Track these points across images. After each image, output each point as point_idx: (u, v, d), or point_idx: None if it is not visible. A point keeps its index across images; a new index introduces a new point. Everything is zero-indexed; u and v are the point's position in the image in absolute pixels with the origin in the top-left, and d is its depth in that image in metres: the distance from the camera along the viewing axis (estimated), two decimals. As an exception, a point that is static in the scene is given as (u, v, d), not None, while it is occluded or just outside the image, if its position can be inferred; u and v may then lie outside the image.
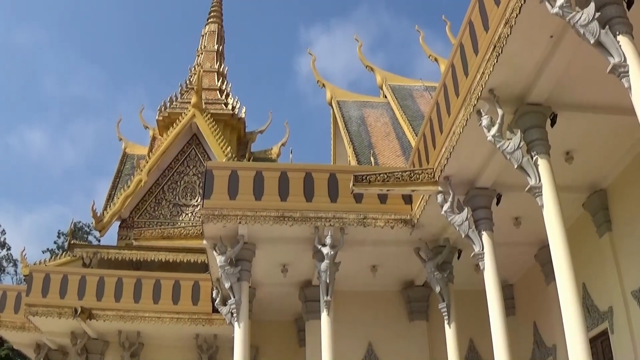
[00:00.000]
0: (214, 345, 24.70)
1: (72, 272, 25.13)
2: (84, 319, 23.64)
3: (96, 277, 24.54)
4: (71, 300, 23.82)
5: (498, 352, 14.61)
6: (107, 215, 30.23)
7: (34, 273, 24.80)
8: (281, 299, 22.30)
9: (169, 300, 23.74)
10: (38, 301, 23.89)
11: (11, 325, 26.20)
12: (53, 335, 25.64)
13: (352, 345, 20.66)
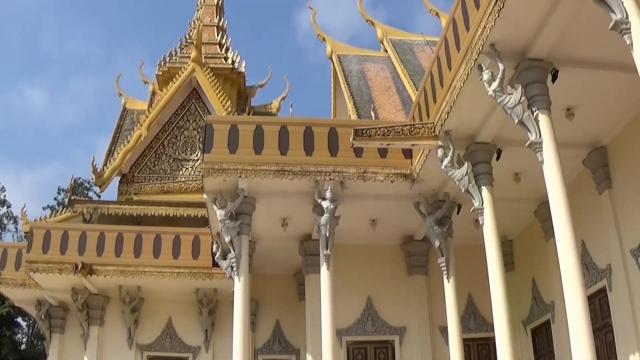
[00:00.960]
0: (214, 299, 25.05)
1: (72, 228, 25.35)
2: (85, 275, 23.86)
3: (96, 233, 24.76)
4: (72, 256, 24.06)
5: (496, 308, 14.80)
6: (107, 170, 30.29)
7: (35, 230, 24.99)
8: (281, 253, 22.48)
9: (169, 255, 24.01)
10: (38, 257, 24.10)
11: (12, 283, 26.44)
12: (54, 292, 25.89)
13: (352, 299, 20.94)
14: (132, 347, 25.35)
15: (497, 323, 14.77)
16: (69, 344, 26.72)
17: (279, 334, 24.65)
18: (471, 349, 21.14)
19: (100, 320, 25.85)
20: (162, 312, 25.76)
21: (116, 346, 25.50)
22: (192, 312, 25.50)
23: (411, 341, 21.00)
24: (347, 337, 20.87)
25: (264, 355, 24.37)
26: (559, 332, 18.44)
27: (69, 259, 23.98)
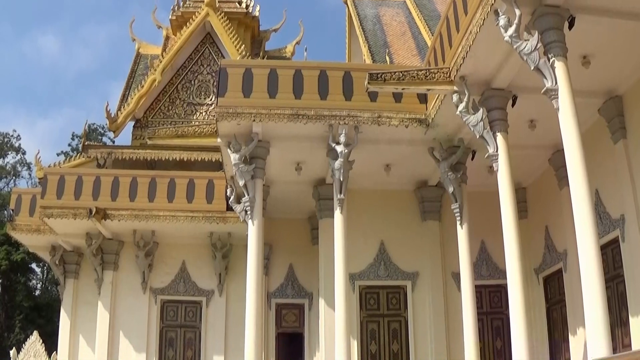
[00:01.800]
0: (228, 243, 25.45)
1: (86, 173, 25.71)
2: (99, 220, 24.28)
3: (110, 178, 25.13)
4: (86, 201, 24.47)
5: (509, 255, 15.04)
6: (121, 115, 30.40)
7: (49, 175, 25.33)
8: (295, 197, 22.76)
9: (183, 199, 24.34)
10: (53, 203, 24.52)
11: (26, 229, 26.85)
12: (68, 237, 26.35)
13: (365, 244, 21.27)
14: (146, 291, 25.86)
15: (509, 270, 15.03)
16: (83, 289, 27.26)
17: (292, 278, 25.07)
18: (483, 296, 21.53)
19: (114, 264, 26.33)
20: (176, 256, 26.20)
21: (130, 290, 26.02)
22: (206, 256, 25.90)
23: (423, 287, 21.32)
24: (360, 281, 21.21)
25: (277, 299, 24.84)
26: (571, 281, 18.59)
27: (83, 204, 24.37)
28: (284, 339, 24.79)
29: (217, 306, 25.66)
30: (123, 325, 25.78)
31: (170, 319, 25.82)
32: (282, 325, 24.77)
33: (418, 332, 21.06)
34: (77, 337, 26.93)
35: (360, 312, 21.10)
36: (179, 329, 25.71)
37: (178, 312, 25.90)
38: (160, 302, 25.91)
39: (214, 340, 25.33)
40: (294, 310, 24.89)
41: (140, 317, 25.69)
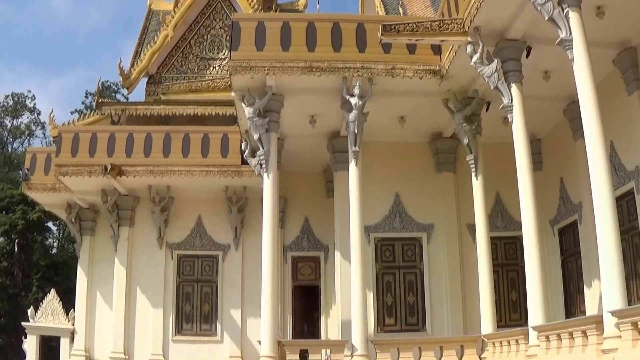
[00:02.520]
0: (244, 197, 25.77)
1: (100, 130, 26.01)
2: (114, 176, 24.64)
3: (125, 134, 25.41)
4: (101, 158, 24.85)
5: (524, 207, 15.24)
6: (134, 72, 30.55)
7: (63, 134, 25.63)
8: (309, 150, 22.98)
9: (198, 154, 24.63)
10: (68, 161, 24.90)
11: (42, 187, 27.36)
12: (83, 194, 26.83)
13: (380, 196, 21.49)
14: (162, 247, 26.30)
15: (524, 222, 15.24)
16: (100, 246, 27.84)
17: (307, 231, 25.42)
18: (498, 248, 21.66)
19: (130, 220, 26.77)
20: (191, 211, 26.56)
21: (146, 246, 26.50)
22: (222, 210, 26.26)
23: (439, 238, 21.60)
24: (375, 233, 21.48)
25: (293, 252, 25.22)
26: (586, 233, 18.71)
27: (98, 161, 24.74)
28: (300, 292, 25.21)
29: (233, 260, 26.11)
30: (140, 280, 26.32)
31: (187, 274, 26.30)
32: (298, 278, 25.16)
33: (433, 284, 21.37)
34: (94, 294, 27.55)
35: (376, 264, 21.40)
36: (196, 283, 26.19)
37: (194, 266, 26.36)
38: (176, 257, 26.38)
39: (231, 294, 25.81)
40: (309, 263, 25.24)
41: (156, 272, 26.19)
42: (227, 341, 25.41)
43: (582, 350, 12.34)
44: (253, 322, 24.46)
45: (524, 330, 15.40)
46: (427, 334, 20.94)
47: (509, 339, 16.30)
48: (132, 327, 26.00)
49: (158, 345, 25.58)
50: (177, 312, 25.97)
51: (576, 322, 13.04)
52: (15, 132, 70.16)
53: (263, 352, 18.68)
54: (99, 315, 27.33)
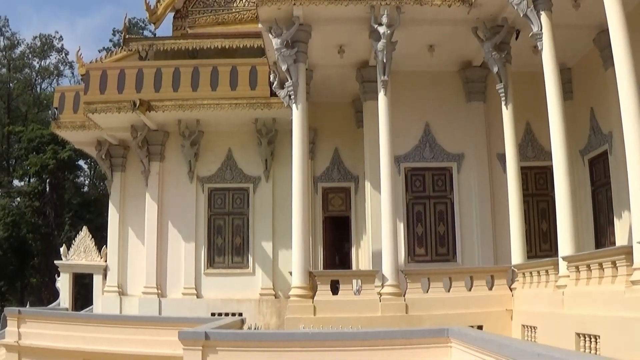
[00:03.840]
0: (273, 129, 26.16)
1: (128, 67, 26.38)
2: (143, 112, 25.08)
3: (153, 69, 25.77)
4: (129, 94, 25.28)
5: (554, 137, 15.49)
6: (161, 7, 30.56)
7: (91, 71, 26.11)
8: (338, 81, 23.09)
9: (226, 87, 24.92)
10: (96, 98, 25.38)
11: (71, 126, 27.98)
12: (113, 131, 27.36)
13: (409, 126, 21.71)
14: (192, 181, 26.83)
15: (554, 152, 15.52)
16: (131, 182, 28.46)
17: (337, 162, 25.72)
18: (528, 177, 21.88)
19: (160, 155, 27.30)
20: (221, 144, 26.97)
21: (177, 180, 27.04)
22: (252, 142, 26.68)
23: (469, 168, 21.86)
24: (405, 163, 21.77)
25: (323, 183, 25.59)
26: (616, 163, 18.81)
27: (127, 97, 25.18)
28: (331, 223, 25.61)
29: (264, 192, 26.59)
30: (171, 215, 26.92)
31: (218, 207, 26.81)
32: (329, 209, 25.56)
33: (464, 214, 21.66)
34: (126, 230, 28.22)
35: (406, 194, 21.71)
36: (227, 216, 26.70)
37: (225, 199, 26.85)
38: (207, 191, 26.89)
39: (262, 226, 26.34)
40: (340, 193, 25.61)
41: (188, 206, 26.77)
42: (259, 273, 26.03)
43: (612, 281, 12.64)
44: (284, 253, 24.88)
45: (554, 260, 15.77)
46: (457, 264, 21.28)
47: (539, 270, 16.66)
48: (164, 261, 26.71)
49: (190, 279, 26.27)
50: (208, 245, 26.57)
51: (606, 253, 13.30)
52: (43, 72, 70.77)
53: (294, 283, 19.14)
54: (131, 251, 28.03)
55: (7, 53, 68.19)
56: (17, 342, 19.85)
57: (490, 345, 9.74)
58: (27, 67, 70.11)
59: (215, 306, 25.15)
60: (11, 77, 67.53)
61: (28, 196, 57.37)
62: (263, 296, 25.56)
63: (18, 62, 68.79)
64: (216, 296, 25.71)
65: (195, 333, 13.37)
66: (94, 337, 18.79)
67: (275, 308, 24.90)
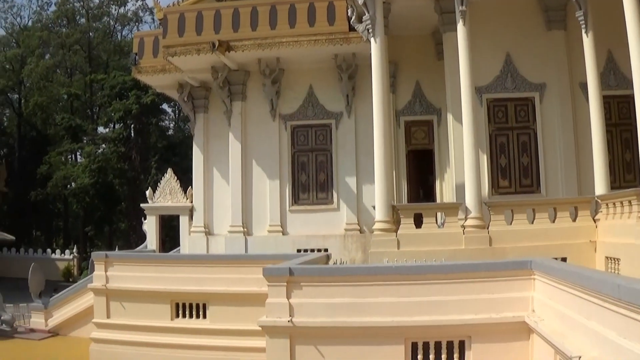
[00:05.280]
0: (353, 64, 26.58)
1: (205, 8, 27.04)
2: (223, 52, 25.84)
3: (230, 10, 26.43)
4: (208, 35, 26.04)
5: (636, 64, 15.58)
6: (235, -55, 30.93)
7: (168, 15, 26.97)
8: (417, 13, 23.00)
9: (305, 24, 25.41)
10: (175, 41, 26.26)
11: (152, 70, 29.10)
12: (194, 73, 28.30)
13: (490, 56, 21.71)
14: (275, 119, 27.58)
15: (636, 81, 15.66)
16: (213, 122, 29.53)
17: (419, 95, 25.93)
18: (611, 106, 21.68)
19: (242, 95, 28.13)
20: (302, 81, 27.59)
21: (259, 119, 27.87)
22: (332, 78, 27.16)
23: (551, 98, 21.80)
24: (487, 94, 21.79)
25: (406, 117, 25.88)
26: None
27: (206, 39, 25.96)
28: (414, 157, 25.98)
29: (346, 128, 27.16)
30: (255, 153, 27.86)
31: (301, 144, 27.54)
32: (412, 142, 25.86)
33: (547, 144, 21.73)
34: (210, 170, 29.33)
35: (489, 126, 21.82)
36: (310, 152, 27.42)
37: (308, 136, 27.55)
38: (290, 128, 27.64)
39: (345, 161, 26.98)
40: (422, 127, 25.87)
41: (271, 144, 27.61)
42: (344, 208, 26.70)
43: None
44: (369, 188, 25.39)
45: (637, 191, 16.01)
46: (541, 195, 21.41)
47: (622, 200, 16.86)
48: (249, 200, 27.69)
49: (275, 216, 27.18)
50: (293, 182, 27.39)
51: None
52: (122, 19, 72.14)
53: (377, 217, 19.74)
54: (217, 191, 29.12)
55: (85, 3, 69.64)
56: (104, 286, 20.93)
57: (572, 277, 10.20)
58: (106, 15, 71.53)
59: (301, 243, 25.99)
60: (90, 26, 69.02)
61: (113, 142, 59.00)
62: (348, 231, 26.27)
63: (96, 11, 70.22)
64: (301, 233, 26.58)
65: (280, 269, 14.08)
66: (180, 278, 19.75)
67: (360, 243, 25.55)
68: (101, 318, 20.95)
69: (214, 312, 19.34)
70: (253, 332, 15.57)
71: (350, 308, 13.29)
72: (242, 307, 18.42)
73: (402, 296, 13.11)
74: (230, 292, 18.96)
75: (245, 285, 18.57)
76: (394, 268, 14.25)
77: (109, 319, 20.79)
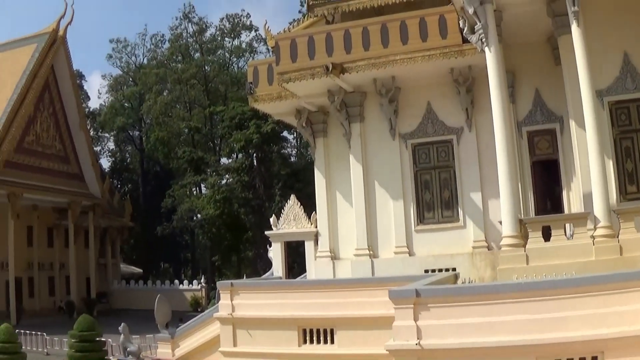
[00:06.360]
0: (470, 77, 26.46)
1: (316, 32, 27.66)
2: (337, 75, 26.26)
3: (341, 32, 26.88)
4: (321, 59, 26.51)
5: None
6: (344, -32, 31.30)
7: (280, 41, 27.68)
8: (530, 19, 22.78)
9: (417, 39, 25.50)
10: (289, 67, 26.93)
11: (268, 98, 29.98)
12: (310, 98, 28.89)
13: (607, 56, 21.11)
14: (395, 138, 27.77)
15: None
16: (333, 145, 30.04)
17: (539, 103, 25.54)
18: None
19: (360, 116, 28.45)
20: (419, 98, 27.63)
21: (379, 139, 28.11)
22: (450, 93, 27.11)
23: (676, 94, 21.12)
24: (608, 97, 21.21)
25: (527, 127, 25.51)
26: None
27: (319, 63, 26.44)
28: (539, 167, 25.57)
29: (467, 142, 26.99)
30: (377, 174, 28.07)
31: (423, 162, 27.54)
32: (536, 153, 25.47)
33: (677, 145, 21.10)
34: (333, 194, 29.78)
35: (612, 130, 21.20)
36: (433, 170, 27.37)
37: (430, 153, 27.51)
38: (410, 146, 27.69)
39: (469, 177, 26.78)
40: (545, 136, 25.40)
41: (392, 164, 27.72)
42: (470, 225, 26.51)
43: None
44: (494, 203, 24.92)
45: None
46: (672, 199, 20.89)
47: None
48: (374, 222, 27.85)
49: (401, 237, 27.25)
50: (417, 201, 27.36)
51: None
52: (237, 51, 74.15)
53: (504, 232, 19.71)
54: (340, 214, 29.46)
55: (198, 38, 71.85)
56: (230, 314, 21.60)
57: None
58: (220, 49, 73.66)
59: (428, 263, 25.90)
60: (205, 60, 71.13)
61: (236, 172, 60.59)
62: (475, 249, 26.09)
63: (210, 45, 72.35)
64: (428, 252, 26.55)
65: (406, 291, 14.27)
66: (306, 303, 20.19)
67: (488, 260, 25.34)
68: (228, 347, 21.57)
69: (341, 337, 19.67)
70: (382, 356, 15.68)
71: (478, 328, 13.39)
72: (370, 331, 18.68)
73: (531, 313, 13.13)
74: (358, 316, 19.24)
75: (372, 308, 18.82)
76: (522, 285, 14.27)
77: (235, 347, 21.40)
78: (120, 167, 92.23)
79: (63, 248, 74.95)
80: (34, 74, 67.28)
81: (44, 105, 71.03)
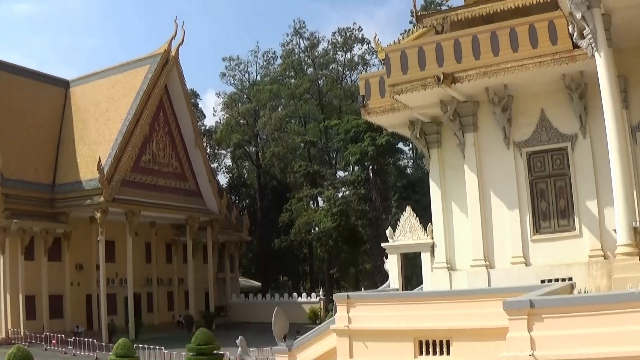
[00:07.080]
0: (582, 83, 26.14)
1: (426, 43, 27.94)
2: (448, 85, 26.56)
3: (451, 41, 27.10)
4: (431, 69, 26.81)
5: None
6: (454, -23, 31.64)
7: (390, 54, 28.13)
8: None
9: (527, 46, 25.50)
10: (399, 79, 27.35)
11: (380, 110, 30.48)
12: (422, 109, 29.23)
13: None
14: (509, 146, 27.80)
15: None
16: (448, 156, 30.24)
17: (654, 109, 25.16)
18: None
19: (473, 126, 28.62)
20: (532, 106, 27.59)
21: (494, 148, 28.21)
22: (562, 100, 26.89)
23: None
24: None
25: (642, 132, 25.13)
26: None
27: (430, 73, 26.76)
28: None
29: (582, 149, 26.67)
30: (492, 184, 28.15)
31: (538, 170, 27.42)
32: (650, 159, 25.00)
33: None
34: (448, 205, 29.98)
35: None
36: (548, 178, 27.21)
37: (545, 161, 27.35)
38: (525, 155, 27.62)
39: (585, 185, 26.45)
40: (661, 141, 24.96)
41: (507, 173, 27.74)
42: (586, 234, 26.18)
43: None
44: (610, 211, 24.32)
45: None
46: None
47: None
48: (490, 232, 27.90)
49: (517, 247, 27.20)
50: (533, 211, 27.24)
51: None
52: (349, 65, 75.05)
53: (619, 241, 19.64)
54: (456, 225, 29.61)
55: (310, 52, 72.95)
56: (347, 326, 22.02)
57: None
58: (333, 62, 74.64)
59: (544, 273, 25.85)
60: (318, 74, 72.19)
61: (352, 185, 61.29)
62: (592, 258, 25.75)
63: (322, 59, 73.37)
64: (544, 262, 26.42)
65: (520, 302, 14.45)
66: (422, 315, 20.42)
67: (605, 269, 25.01)
68: (344, 358, 21.99)
69: (457, 348, 19.85)
70: (497, 366, 15.89)
71: (593, 338, 13.44)
72: (486, 342, 18.77)
73: (645, 323, 13.12)
74: (473, 328, 19.40)
75: (488, 319, 18.94)
76: (636, 294, 14.23)
77: (352, 359, 21.77)
78: (238, 182, 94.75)
79: (181, 263, 77.32)
80: (147, 94, 69.85)
81: (159, 124, 73.47)
